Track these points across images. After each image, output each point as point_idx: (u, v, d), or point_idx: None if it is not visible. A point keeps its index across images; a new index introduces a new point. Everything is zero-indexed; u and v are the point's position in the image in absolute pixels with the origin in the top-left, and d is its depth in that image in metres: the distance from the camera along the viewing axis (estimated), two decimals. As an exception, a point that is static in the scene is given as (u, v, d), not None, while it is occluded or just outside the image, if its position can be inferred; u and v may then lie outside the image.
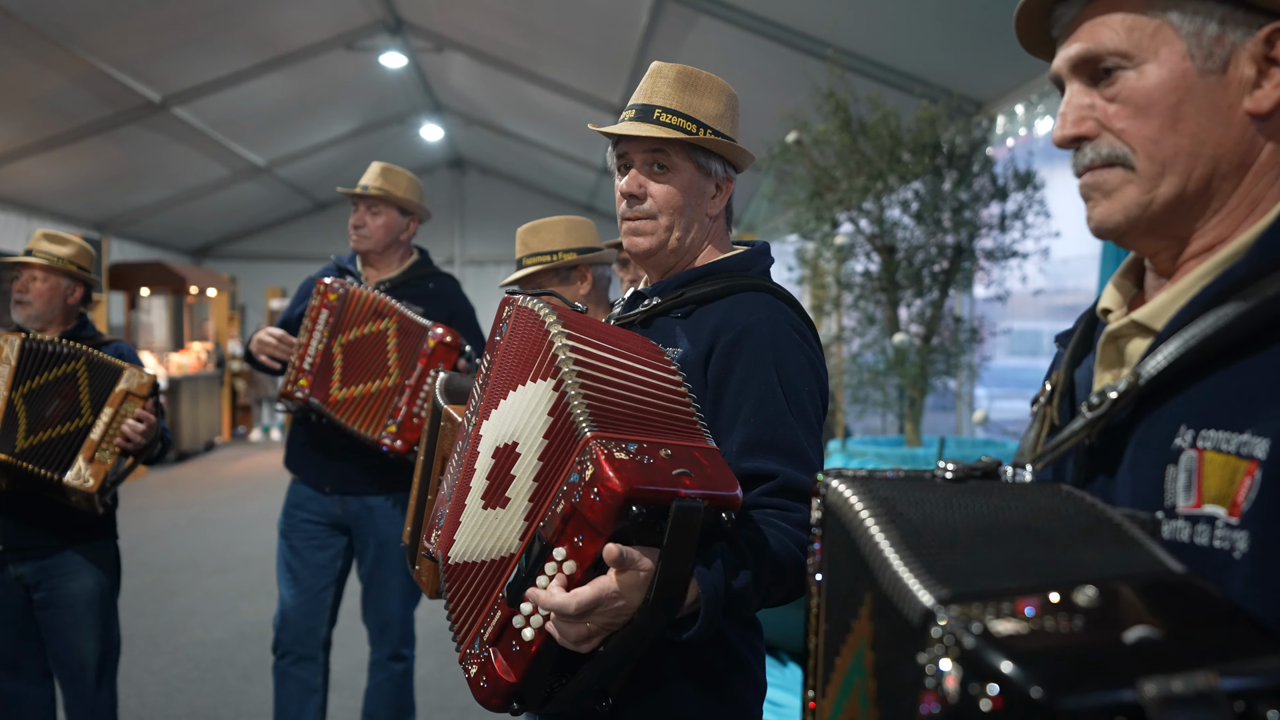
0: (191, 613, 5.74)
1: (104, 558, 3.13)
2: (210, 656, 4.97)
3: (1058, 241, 5.91)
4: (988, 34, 6.04)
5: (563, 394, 1.33)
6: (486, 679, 1.37)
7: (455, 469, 1.59)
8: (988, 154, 6.06)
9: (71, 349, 2.98)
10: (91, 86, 8.94)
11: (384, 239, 3.34)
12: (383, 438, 3.03)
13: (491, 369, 1.56)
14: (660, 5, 7.47)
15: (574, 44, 9.43)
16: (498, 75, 10.96)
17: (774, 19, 7.05)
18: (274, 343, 3.19)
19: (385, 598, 3.34)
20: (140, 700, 4.37)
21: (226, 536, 7.84)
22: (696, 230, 1.68)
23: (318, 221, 16.49)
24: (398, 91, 12.49)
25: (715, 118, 1.64)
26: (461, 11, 9.73)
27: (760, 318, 1.57)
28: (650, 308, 1.67)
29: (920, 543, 0.75)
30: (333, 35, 10.12)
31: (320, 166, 14.28)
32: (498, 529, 1.42)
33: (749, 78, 8.25)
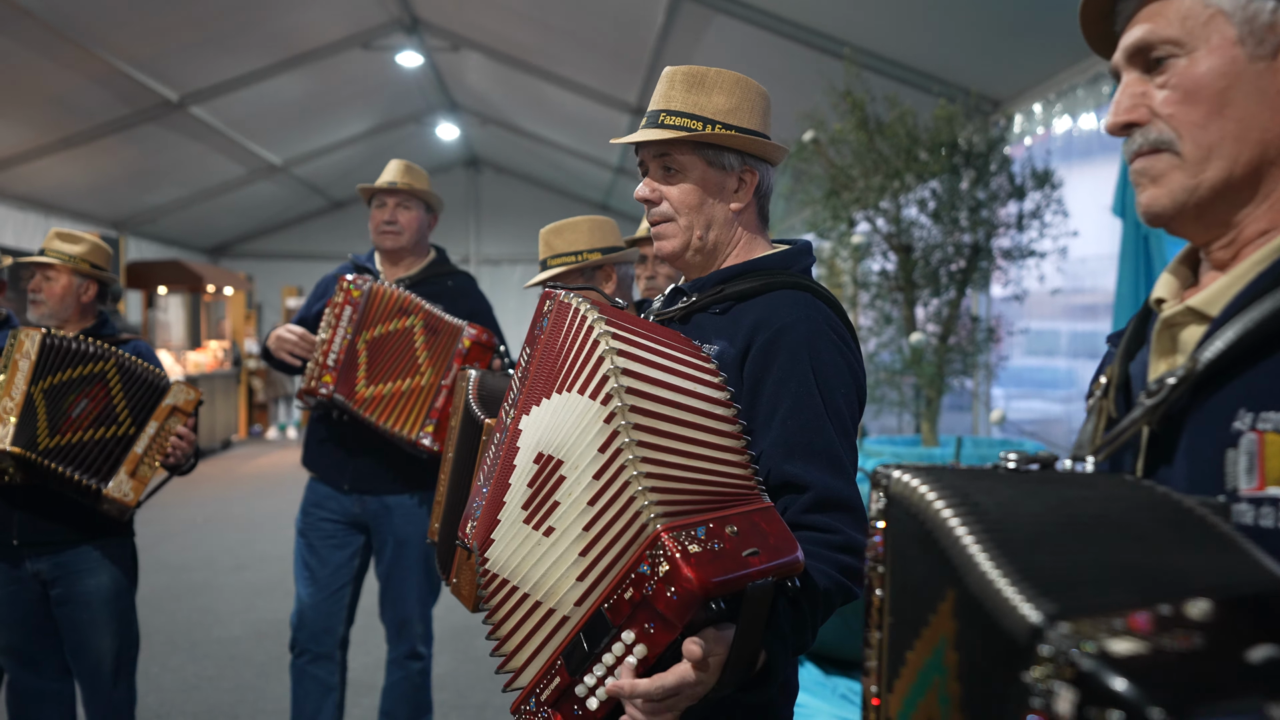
0: (208, 610, 5.77)
1: (121, 554, 3.13)
2: (227, 654, 4.99)
3: (1075, 241, 5.87)
4: (1005, 32, 6.01)
5: (615, 434, 1.30)
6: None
7: (493, 460, 1.57)
8: (1005, 153, 6.03)
9: (99, 349, 2.96)
10: (109, 86, 8.99)
11: (415, 235, 3.36)
12: (420, 438, 3.03)
13: (531, 363, 1.54)
14: (676, 4, 7.46)
15: (590, 43, 9.43)
16: (513, 74, 10.97)
17: (790, 18, 7.04)
18: (294, 340, 3.19)
19: (403, 596, 3.35)
20: (159, 697, 4.39)
21: (243, 534, 7.88)
22: (720, 227, 1.66)
23: (334, 220, 16.55)
24: (414, 91, 12.52)
25: (727, 112, 1.62)
26: (478, 11, 9.75)
27: (798, 316, 1.55)
28: (689, 304, 1.66)
29: (1007, 539, 0.72)
30: (349, 34, 10.16)
31: (336, 165, 14.33)
32: (543, 565, 1.39)
33: (765, 77, 8.17)
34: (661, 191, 1.66)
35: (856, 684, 3.56)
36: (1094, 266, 6.50)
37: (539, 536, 1.39)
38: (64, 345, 2.93)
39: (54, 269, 3.12)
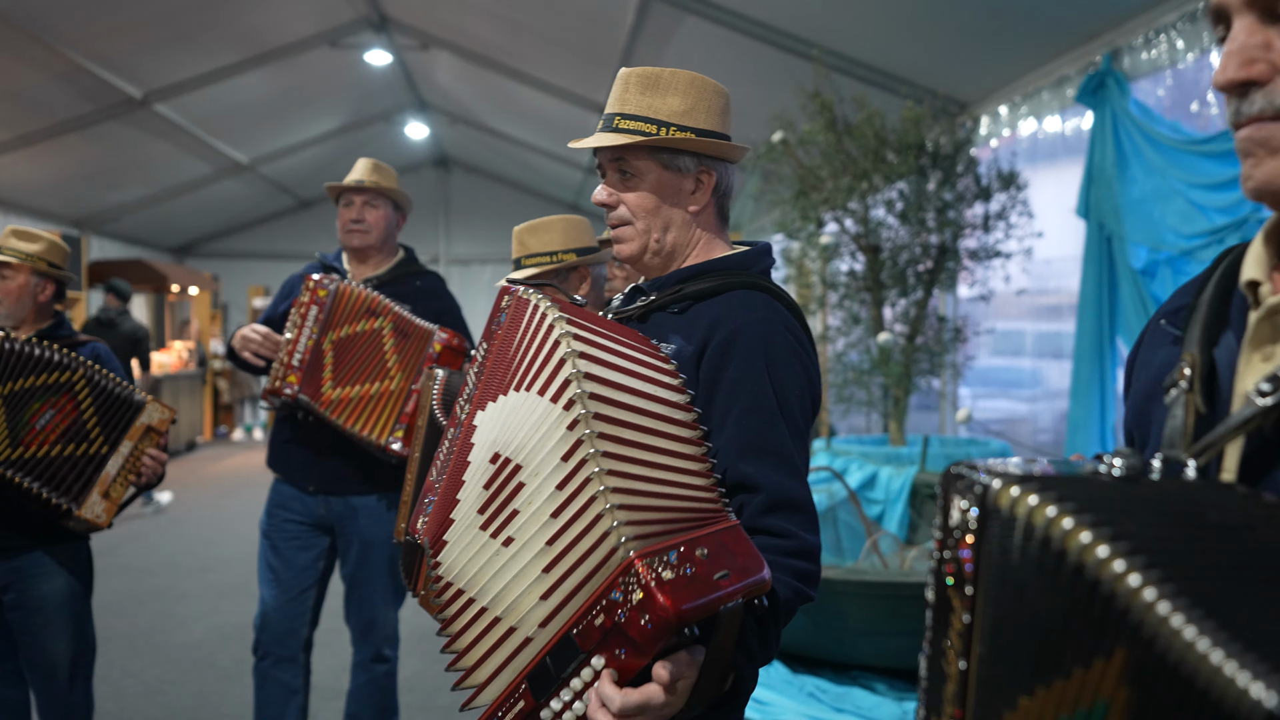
0: (171, 614, 5.69)
1: (75, 559, 3.07)
2: (190, 658, 4.92)
3: (1040, 242, 5.92)
4: (972, 35, 6.06)
5: (579, 443, 1.27)
6: None
7: (446, 455, 1.55)
8: (971, 154, 6.07)
9: (66, 358, 2.85)
10: (71, 82, 8.86)
11: (383, 234, 3.33)
12: (390, 443, 3.01)
13: (488, 359, 1.52)
14: (646, 5, 7.46)
15: (560, 43, 9.41)
16: (483, 73, 10.92)
17: (760, 19, 7.05)
18: (259, 340, 3.14)
19: (369, 598, 3.32)
20: (119, 702, 4.32)
21: (207, 536, 7.79)
22: (677, 229, 1.66)
23: (301, 220, 16.42)
24: (382, 89, 12.44)
25: (682, 113, 1.61)
26: (447, 9, 9.69)
27: (755, 317, 1.55)
28: (648, 303, 1.65)
29: (1194, 591, 0.60)
30: (316, 32, 10.07)
31: (304, 164, 14.21)
32: (503, 578, 1.35)
33: (735, 77, 8.24)
34: (619, 196, 1.65)
35: (824, 682, 3.57)
36: (1058, 268, 6.56)
37: (497, 546, 1.36)
38: (26, 351, 2.79)
39: (10, 267, 3.05)
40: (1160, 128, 4.98)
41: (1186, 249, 4.81)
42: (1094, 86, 5.31)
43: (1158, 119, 5.07)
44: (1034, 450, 6.53)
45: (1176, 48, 5.00)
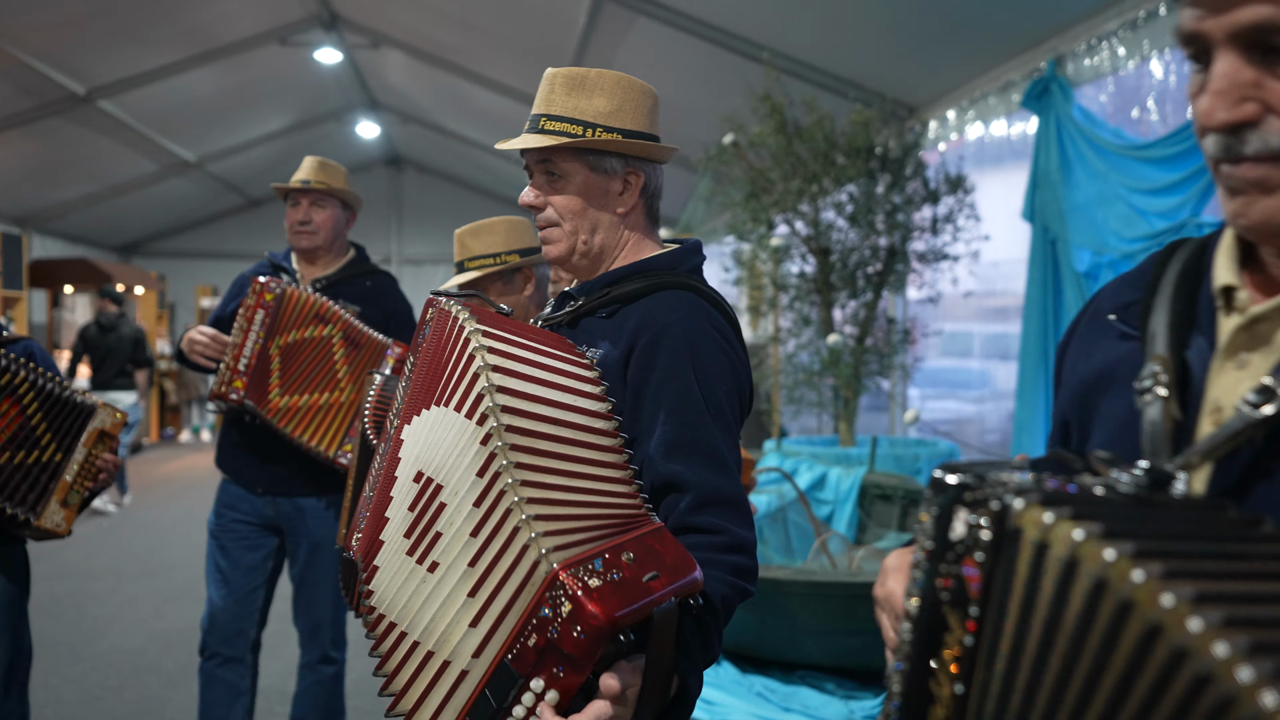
0: (114, 619, 5.57)
1: (10, 563, 2.99)
2: (132, 663, 4.82)
3: (987, 245, 6.00)
4: (921, 40, 6.12)
5: (492, 456, 1.25)
6: None
7: (377, 469, 1.53)
8: (920, 158, 6.13)
9: (5, 360, 2.71)
10: (11, 78, 8.66)
11: (331, 234, 3.28)
12: (338, 456, 2.98)
13: (415, 372, 1.50)
14: (598, 6, 7.45)
15: (512, 43, 9.37)
16: (435, 73, 10.85)
17: (711, 21, 7.07)
18: (206, 341, 3.09)
19: (316, 599, 3.27)
20: (57, 709, 4.22)
21: (151, 540, 7.65)
22: (605, 231, 1.64)
23: (250, 219, 16.21)
24: (333, 88, 12.32)
25: (608, 114, 1.59)
26: (398, 8, 9.61)
27: (680, 316, 1.53)
28: (576, 308, 1.63)
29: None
30: (266, 29, 9.94)
31: (253, 163, 14.02)
32: (431, 607, 1.32)
33: (685, 79, 8.27)
34: (545, 197, 1.63)
35: (772, 681, 3.58)
36: (1005, 270, 6.64)
37: (423, 572, 1.34)
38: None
39: None
40: (1103, 133, 5.07)
41: (1128, 252, 4.90)
42: (1038, 92, 5.39)
43: (1100, 124, 5.15)
44: (981, 451, 6.61)
45: (1118, 54, 5.08)
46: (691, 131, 9.13)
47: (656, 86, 6.63)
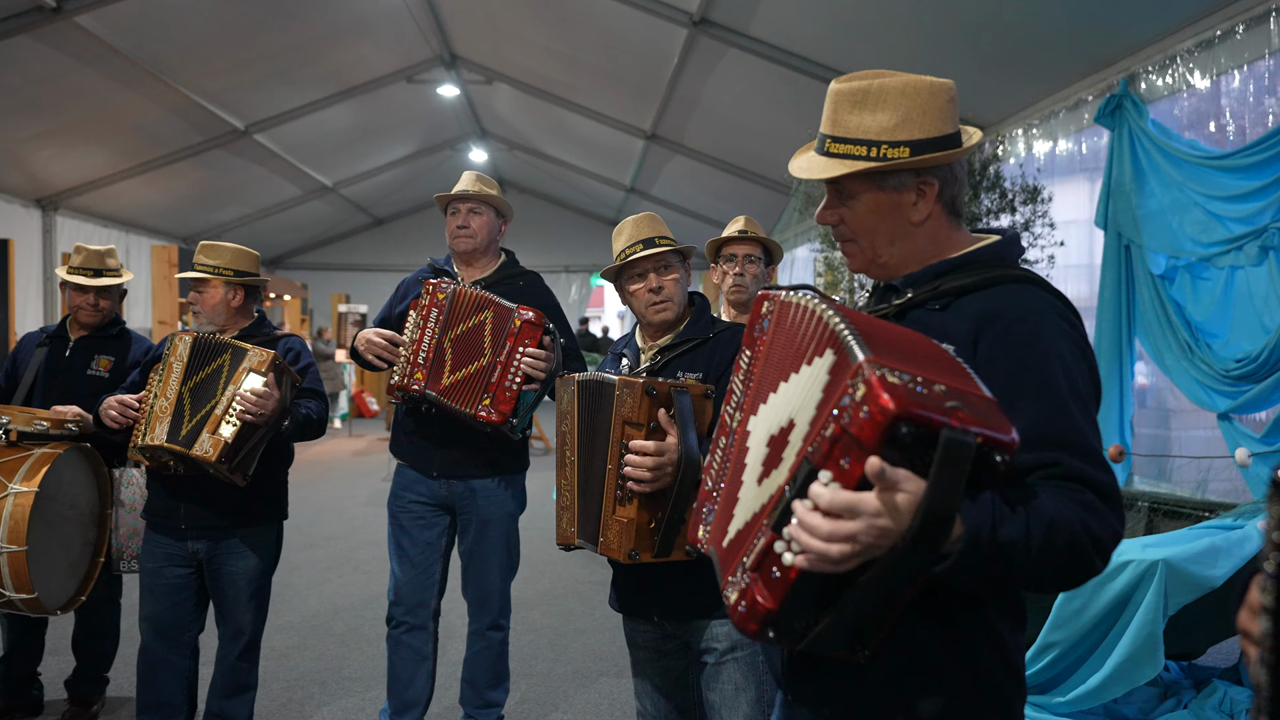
0: (285, 585, 5.62)
1: (264, 539, 3.10)
2: (308, 625, 4.86)
3: (1061, 250, 5.79)
4: (995, 63, 5.92)
5: (838, 346, 1.16)
6: (745, 603, 1.20)
7: (720, 464, 1.43)
8: (998, 170, 5.93)
9: (225, 342, 2.91)
10: (184, 116, 8.87)
11: (486, 238, 3.26)
12: (479, 410, 2.93)
13: (755, 365, 1.38)
14: (693, 39, 7.34)
15: (611, 75, 9.31)
16: (538, 104, 10.85)
17: (796, 50, 6.94)
18: (382, 343, 3.09)
19: (486, 572, 3.23)
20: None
21: (309, 515, 7.75)
22: (903, 241, 1.45)
23: (375, 236, 16.41)
24: (450, 119, 12.40)
25: (892, 128, 1.39)
26: (511, 47, 9.62)
27: (1030, 307, 1.34)
28: (905, 301, 1.43)
29: None
30: (395, 69, 10.04)
31: (379, 187, 14.21)
32: (770, 487, 1.24)
33: (772, 105, 8.12)
34: (839, 214, 1.47)
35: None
36: (1073, 274, 6.41)
37: (770, 477, 1.26)
38: (206, 344, 2.92)
39: (205, 282, 3.06)
40: (1178, 144, 4.83)
41: (1205, 255, 4.67)
42: (1111, 108, 5.17)
43: (1175, 136, 4.91)
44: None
45: (1191, 73, 4.84)
46: (778, 154, 8.99)
47: (744, 113, 6.56)
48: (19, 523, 2.99)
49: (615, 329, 21.91)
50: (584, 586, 5.58)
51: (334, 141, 11.54)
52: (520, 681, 4.02)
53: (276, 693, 3.92)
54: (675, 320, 2.35)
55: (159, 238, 11.92)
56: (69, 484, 3.22)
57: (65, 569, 3.23)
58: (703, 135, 9.81)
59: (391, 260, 16.03)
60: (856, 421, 1.07)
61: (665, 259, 2.33)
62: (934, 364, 1.17)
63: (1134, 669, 3.02)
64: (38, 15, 6.20)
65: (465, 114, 12.37)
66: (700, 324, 2.36)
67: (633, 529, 2.01)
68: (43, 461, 3.10)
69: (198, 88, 8.41)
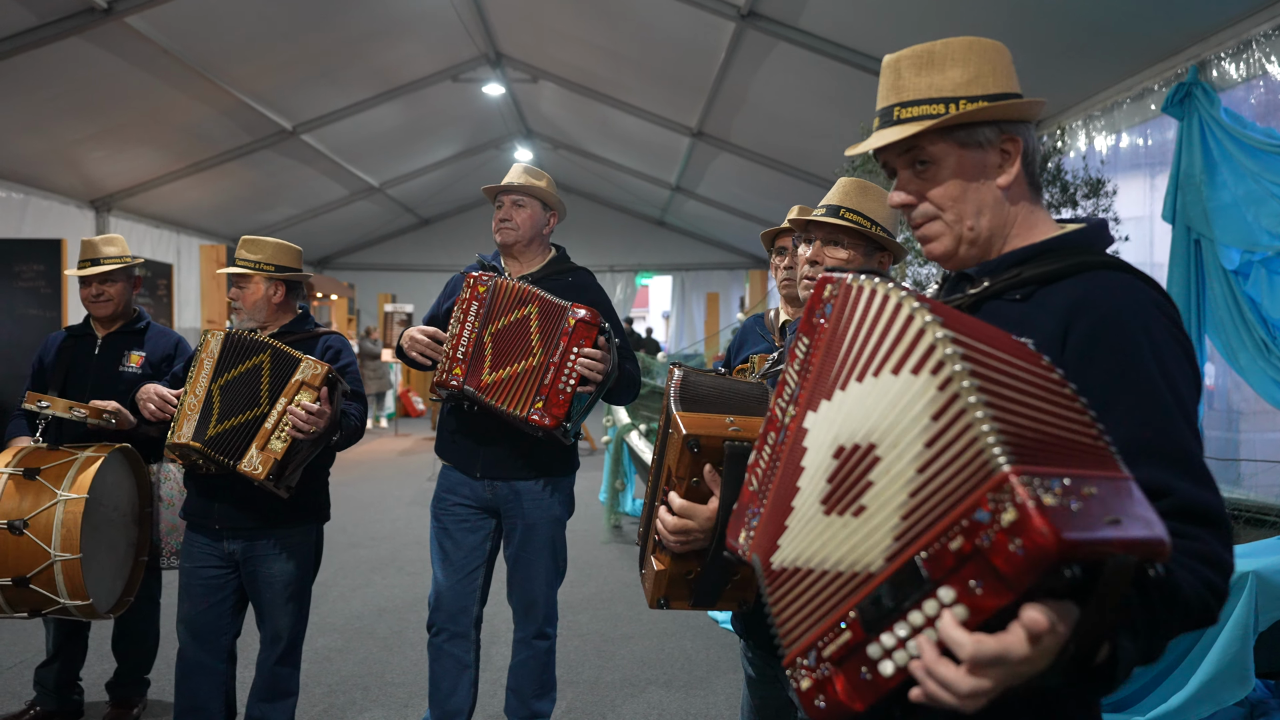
0: (330, 585, 5.57)
1: (304, 541, 3.00)
2: (352, 628, 4.79)
3: (1123, 246, 5.54)
4: (1052, 51, 5.68)
5: (953, 397, 0.97)
6: (825, 699, 1.06)
7: (769, 464, 1.27)
8: (1059, 163, 5.69)
9: (261, 342, 2.81)
10: (234, 116, 8.90)
11: (529, 231, 3.13)
12: (531, 414, 2.80)
13: (813, 353, 1.21)
14: (740, 32, 7.18)
15: (657, 71, 9.17)
16: (583, 102, 10.75)
17: (845, 43, 6.74)
18: (426, 340, 2.99)
19: (531, 578, 3.11)
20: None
21: (353, 515, 7.72)
22: (991, 210, 1.31)
23: (421, 236, 16.46)
24: (495, 119, 12.35)
25: (967, 83, 1.28)
26: (555, 44, 9.53)
27: (1127, 300, 1.19)
28: (981, 290, 1.30)
29: None
30: (441, 69, 10.00)
31: (425, 187, 14.22)
32: (850, 539, 1.07)
33: (820, 99, 7.92)
34: (919, 188, 1.32)
35: None
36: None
37: (845, 519, 1.08)
38: (239, 342, 2.82)
39: (246, 278, 2.98)
40: (1254, 133, 4.57)
41: (1282, 249, 4.41)
42: (1180, 97, 4.92)
43: (1250, 125, 4.65)
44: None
45: (1269, 58, 4.58)
46: (827, 150, 8.78)
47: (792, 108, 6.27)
48: (71, 530, 2.94)
49: (659, 330, 21.75)
50: (631, 591, 5.44)
51: (380, 142, 11.55)
52: (566, 690, 3.90)
53: (319, 697, 3.83)
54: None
55: (209, 238, 12.03)
56: (113, 486, 3.17)
57: (113, 571, 3.18)
58: (750, 132, 9.63)
59: (437, 260, 16.07)
60: (1004, 554, 0.89)
61: (837, 234, 2.06)
62: (1063, 432, 0.99)
63: (1221, 688, 2.81)
64: (89, 17, 6.22)
65: (510, 113, 12.31)
66: None
67: (665, 579, 1.76)
68: (87, 465, 3.05)
69: (246, 88, 8.43)
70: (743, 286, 16.26)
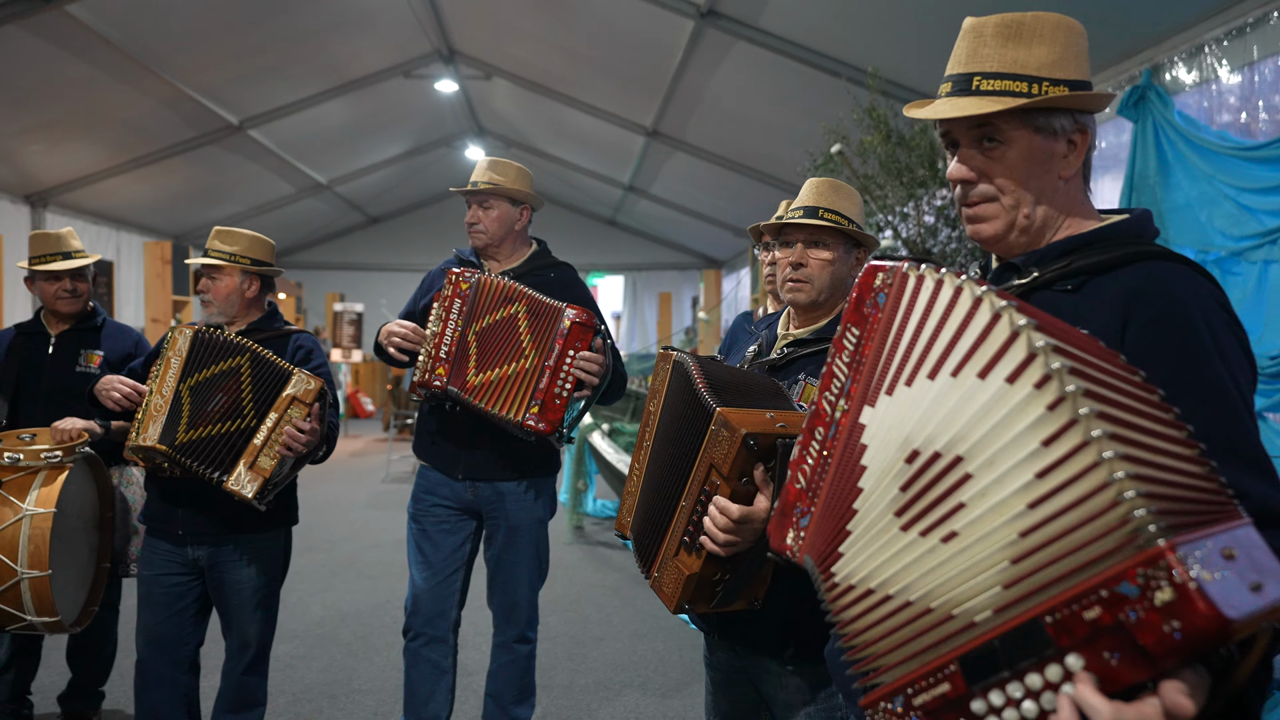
0: (288, 591, 5.39)
1: (271, 548, 2.89)
2: (314, 634, 4.66)
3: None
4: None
5: (1069, 423, 0.89)
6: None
7: (818, 462, 1.19)
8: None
9: (238, 344, 2.68)
10: (178, 110, 8.62)
11: (499, 232, 3.05)
12: (526, 419, 2.72)
13: (865, 344, 1.14)
14: (699, 31, 7.16)
15: (613, 69, 9.12)
16: (537, 100, 10.64)
17: (808, 44, 6.75)
18: (405, 333, 2.88)
19: (514, 580, 3.04)
20: (255, 676, 4.05)
21: (309, 518, 7.47)
22: (1048, 201, 1.26)
23: (370, 234, 16.17)
24: (447, 116, 12.18)
25: (1052, 64, 1.22)
26: (511, 41, 9.41)
27: (1186, 292, 1.15)
28: (1031, 281, 1.25)
29: None
30: (393, 64, 9.81)
31: (374, 184, 13.97)
32: (943, 572, 0.99)
33: (780, 99, 7.94)
34: (981, 168, 1.27)
35: None
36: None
37: (931, 543, 1.00)
38: (211, 341, 2.69)
39: (219, 269, 2.84)
40: (1207, 135, 4.68)
41: (1236, 250, 4.52)
42: (1134, 100, 5.03)
43: (1204, 128, 4.76)
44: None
45: (1220, 62, 4.69)
46: (783, 151, 8.80)
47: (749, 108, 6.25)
48: (40, 547, 2.78)
49: (611, 330, 21.65)
50: (598, 592, 5.38)
51: (329, 138, 11.30)
52: (540, 695, 3.83)
53: (283, 706, 3.71)
54: (816, 309, 2.05)
55: (151, 235, 11.65)
56: (76, 495, 3.01)
57: (77, 581, 3.03)
58: (705, 132, 9.63)
59: (386, 259, 15.79)
60: (1155, 634, 0.82)
61: (820, 235, 2.03)
62: (1183, 469, 0.93)
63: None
64: (27, 4, 5.97)
65: (463, 110, 12.14)
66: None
67: (692, 583, 1.67)
68: (52, 478, 2.87)
69: (191, 81, 8.17)
70: (696, 287, 16.28)
